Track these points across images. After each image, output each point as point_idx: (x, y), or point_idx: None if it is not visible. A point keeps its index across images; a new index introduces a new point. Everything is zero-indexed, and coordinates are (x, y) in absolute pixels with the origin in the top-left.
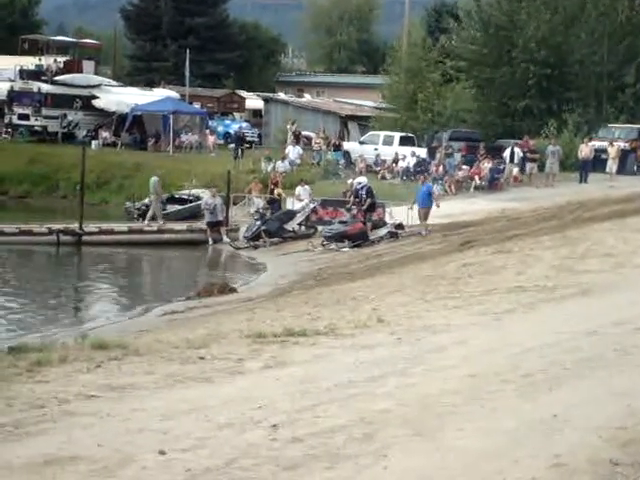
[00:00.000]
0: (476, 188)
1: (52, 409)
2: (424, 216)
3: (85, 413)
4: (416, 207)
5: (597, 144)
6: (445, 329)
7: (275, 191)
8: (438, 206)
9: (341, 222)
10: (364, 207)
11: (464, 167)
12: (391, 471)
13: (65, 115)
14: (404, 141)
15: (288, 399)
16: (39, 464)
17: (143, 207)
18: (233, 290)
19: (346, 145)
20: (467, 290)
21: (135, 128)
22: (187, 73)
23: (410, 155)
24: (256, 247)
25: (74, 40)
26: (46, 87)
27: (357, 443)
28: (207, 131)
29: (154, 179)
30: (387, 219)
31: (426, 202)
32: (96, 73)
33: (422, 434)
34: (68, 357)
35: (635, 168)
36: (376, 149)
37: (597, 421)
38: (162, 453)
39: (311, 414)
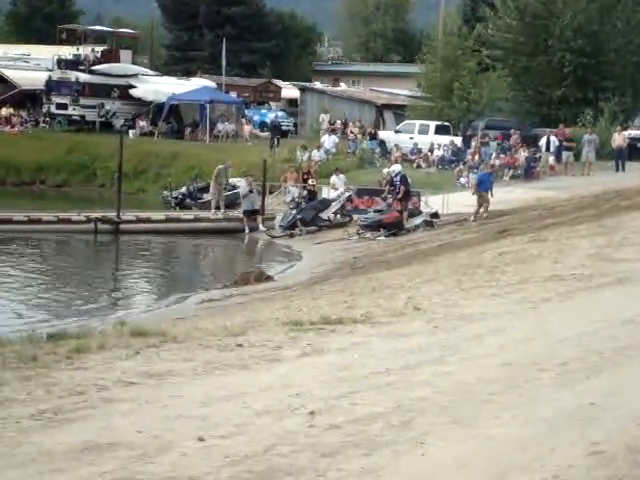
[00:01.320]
0: (512, 177)
1: (91, 396)
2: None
3: (124, 400)
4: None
5: (633, 133)
6: (481, 318)
7: (309, 181)
8: (473, 194)
9: (377, 211)
10: (399, 196)
11: (501, 156)
12: (428, 458)
13: (103, 104)
14: (440, 130)
15: (325, 386)
16: (79, 450)
17: (180, 196)
18: (269, 278)
19: (382, 134)
20: (503, 279)
21: (172, 117)
22: (223, 62)
23: (447, 144)
24: (292, 236)
25: (111, 30)
26: (84, 76)
27: (394, 430)
28: (243, 120)
29: (221, 167)
30: (422, 208)
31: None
32: (133, 63)
33: (459, 422)
34: (107, 344)
35: None
36: (412, 138)
37: (634, 409)
38: (201, 440)
39: (348, 401)
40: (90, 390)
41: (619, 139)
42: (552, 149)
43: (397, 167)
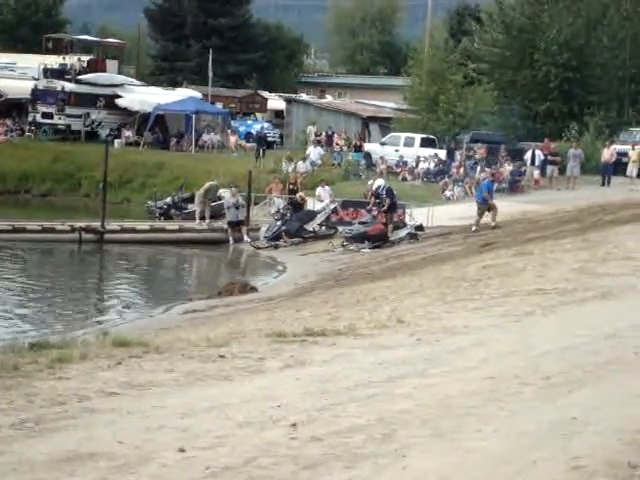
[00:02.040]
0: (497, 190)
1: (73, 406)
2: (478, 212)
3: (105, 410)
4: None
5: (618, 147)
6: (465, 331)
7: (297, 195)
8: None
9: (361, 223)
10: (384, 208)
11: (486, 169)
12: (410, 471)
13: (88, 114)
14: (425, 143)
15: (308, 398)
16: (59, 460)
17: (164, 206)
18: (254, 289)
19: (367, 146)
20: (487, 292)
21: (158, 127)
22: (210, 73)
23: (431, 157)
24: (277, 247)
25: (98, 39)
26: (70, 86)
27: (376, 443)
28: (229, 131)
29: (213, 183)
30: (407, 220)
31: (481, 198)
32: (119, 72)
33: (441, 435)
34: (89, 354)
35: None
36: (397, 150)
37: (616, 424)
38: (182, 451)
39: (330, 413)
40: (71, 400)
41: (607, 154)
42: (537, 163)
43: (380, 182)
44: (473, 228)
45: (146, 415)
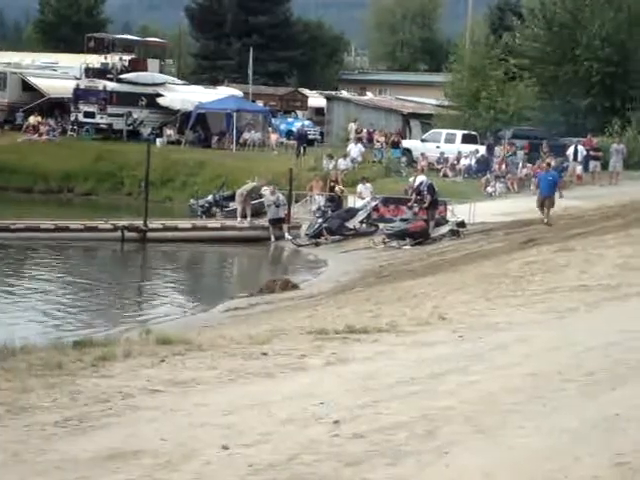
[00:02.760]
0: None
1: (116, 403)
2: (548, 205)
3: (149, 407)
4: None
5: None
6: (507, 327)
7: (335, 188)
8: (561, 196)
9: (403, 220)
10: (425, 205)
11: (527, 165)
12: (453, 468)
13: (130, 113)
14: (467, 139)
15: (350, 395)
16: (103, 458)
17: (206, 204)
18: (295, 287)
19: (407, 143)
20: (530, 288)
21: (199, 126)
22: (250, 71)
23: (472, 153)
24: (317, 244)
25: (139, 38)
26: (111, 85)
27: (419, 440)
28: (270, 129)
29: (256, 185)
30: (449, 217)
31: (550, 190)
32: (161, 71)
33: (484, 432)
34: (132, 352)
35: None
36: (438, 147)
37: None
38: (225, 448)
39: (373, 410)
40: (115, 398)
41: None
42: (579, 159)
43: (422, 178)
44: (545, 220)
45: (189, 412)
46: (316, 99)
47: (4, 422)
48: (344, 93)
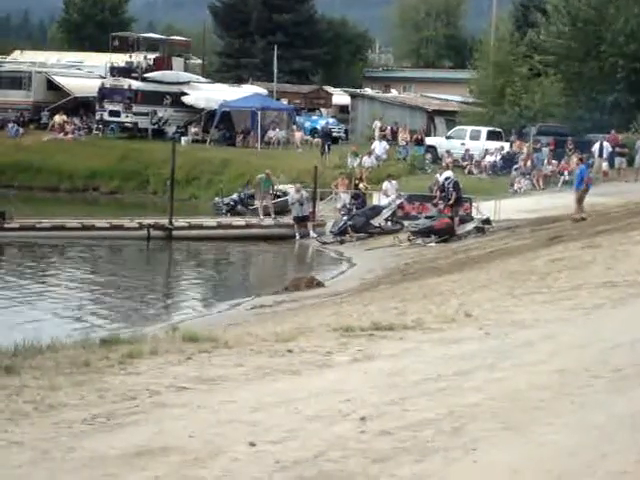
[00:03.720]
0: (564, 183)
1: (143, 400)
2: (577, 200)
3: (176, 405)
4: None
5: None
6: (533, 324)
7: (360, 185)
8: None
9: (428, 217)
10: (451, 202)
11: (553, 162)
12: (480, 465)
13: (155, 112)
14: (492, 136)
15: (376, 392)
16: (131, 455)
17: (231, 202)
18: (320, 284)
19: (432, 140)
20: (556, 285)
21: (224, 124)
22: (275, 69)
23: (497, 150)
24: (342, 242)
25: (164, 37)
26: (136, 84)
27: (446, 436)
28: (294, 127)
29: (261, 177)
30: (474, 214)
31: (578, 185)
32: (185, 70)
33: (511, 428)
34: (159, 349)
35: None
36: (463, 144)
37: None
38: (252, 445)
39: (399, 407)
40: (142, 395)
41: None
42: (605, 155)
43: (449, 173)
44: (583, 216)
45: (216, 409)
46: (340, 97)
47: (32, 420)
48: (368, 91)
